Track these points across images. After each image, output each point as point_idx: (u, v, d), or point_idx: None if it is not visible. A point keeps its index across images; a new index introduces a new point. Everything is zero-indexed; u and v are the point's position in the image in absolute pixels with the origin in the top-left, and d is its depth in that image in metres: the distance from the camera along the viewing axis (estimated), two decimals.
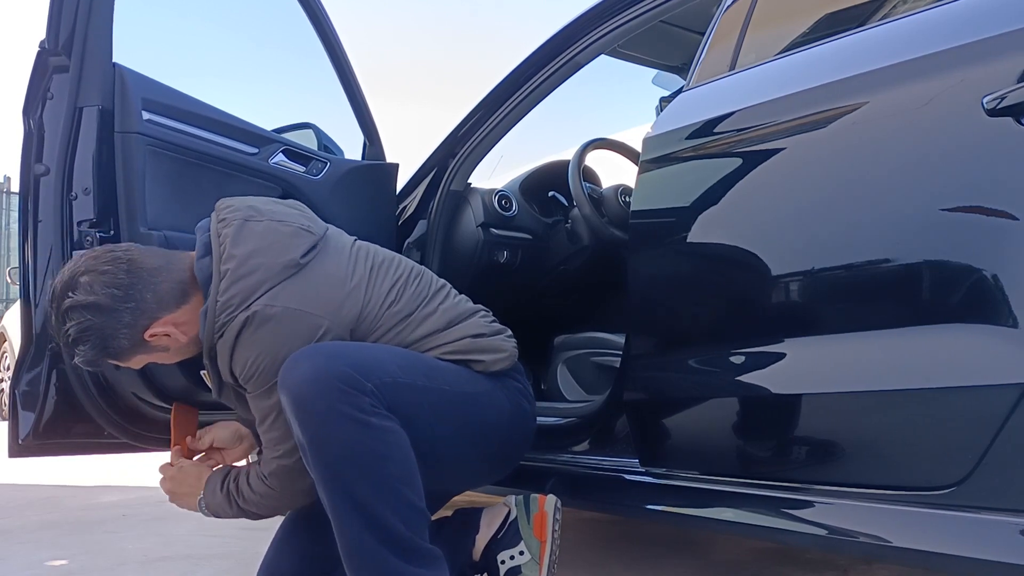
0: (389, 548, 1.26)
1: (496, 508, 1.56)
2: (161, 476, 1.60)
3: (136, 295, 1.38)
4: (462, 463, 1.50)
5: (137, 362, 1.49)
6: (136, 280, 1.38)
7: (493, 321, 1.60)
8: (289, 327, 1.35)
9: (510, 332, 1.60)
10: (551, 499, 1.53)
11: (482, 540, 1.53)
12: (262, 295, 1.35)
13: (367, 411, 1.26)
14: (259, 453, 1.52)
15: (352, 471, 1.26)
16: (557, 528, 1.52)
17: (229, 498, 1.49)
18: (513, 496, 1.56)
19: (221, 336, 1.37)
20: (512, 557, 1.50)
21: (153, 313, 1.40)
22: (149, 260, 1.42)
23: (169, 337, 1.43)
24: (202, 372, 1.51)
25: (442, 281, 1.60)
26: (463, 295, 1.62)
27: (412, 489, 1.29)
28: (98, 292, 1.36)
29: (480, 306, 1.61)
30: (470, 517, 1.57)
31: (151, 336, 1.42)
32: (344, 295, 1.42)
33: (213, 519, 1.55)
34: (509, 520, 1.53)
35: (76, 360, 1.43)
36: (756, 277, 1.40)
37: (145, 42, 2.05)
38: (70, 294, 1.36)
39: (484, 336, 1.52)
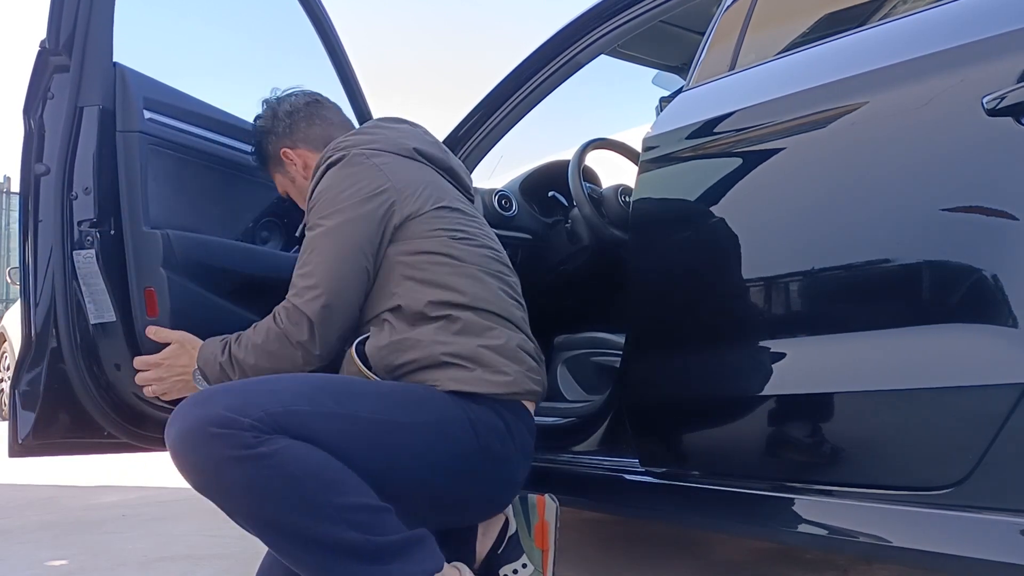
0: (354, 559, 1.16)
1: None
2: (143, 378, 1.58)
3: (297, 120, 1.70)
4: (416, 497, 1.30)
5: (275, 174, 1.76)
6: (308, 113, 1.71)
7: (536, 351, 1.49)
8: (359, 176, 1.45)
9: (539, 369, 1.48)
10: (551, 506, 1.51)
11: (481, 548, 1.50)
12: (367, 148, 1.49)
13: (252, 445, 1.13)
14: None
15: (269, 508, 1.14)
16: (558, 534, 1.50)
17: (232, 361, 1.43)
18: (510, 504, 1.54)
19: (319, 167, 1.51)
20: (515, 571, 1.47)
21: (296, 138, 1.70)
22: (327, 110, 1.74)
23: (295, 166, 1.70)
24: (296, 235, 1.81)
25: (522, 305, 1.57)
26: (524, 331, 1.51)
27: (340, 492, 1.17)
28: (282, 106, 1.72)
29: (532, 339, 1.52)
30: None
31: (284, 154, 1.70)
32: (428, 190, 1.48)
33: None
34: (509, 534, 1.49)
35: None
36: (756, 277, 1.40)
37: (145, 42, 2.04)
38: (276, 103, 1.74)
39: (490, 351, 1.38)
